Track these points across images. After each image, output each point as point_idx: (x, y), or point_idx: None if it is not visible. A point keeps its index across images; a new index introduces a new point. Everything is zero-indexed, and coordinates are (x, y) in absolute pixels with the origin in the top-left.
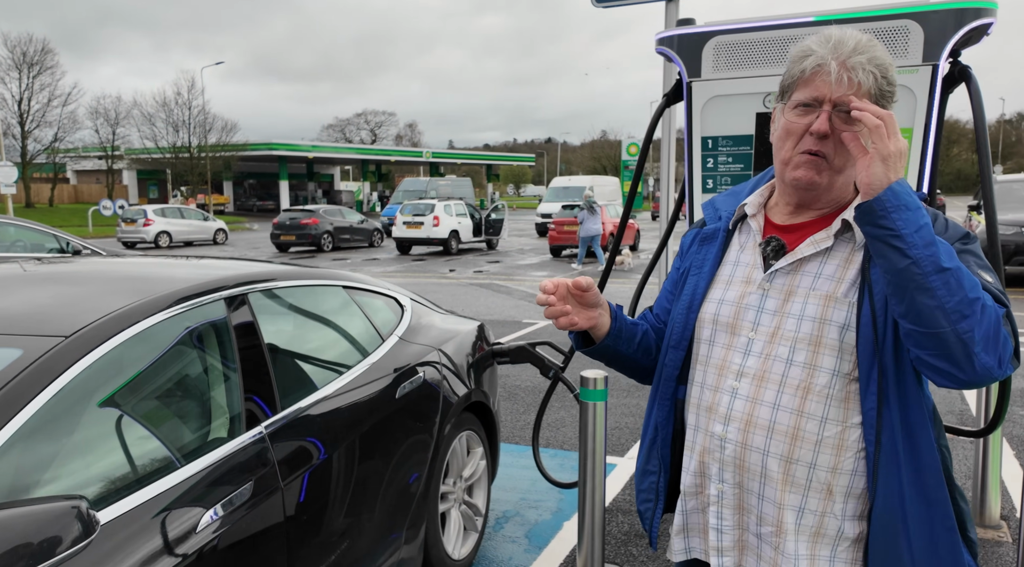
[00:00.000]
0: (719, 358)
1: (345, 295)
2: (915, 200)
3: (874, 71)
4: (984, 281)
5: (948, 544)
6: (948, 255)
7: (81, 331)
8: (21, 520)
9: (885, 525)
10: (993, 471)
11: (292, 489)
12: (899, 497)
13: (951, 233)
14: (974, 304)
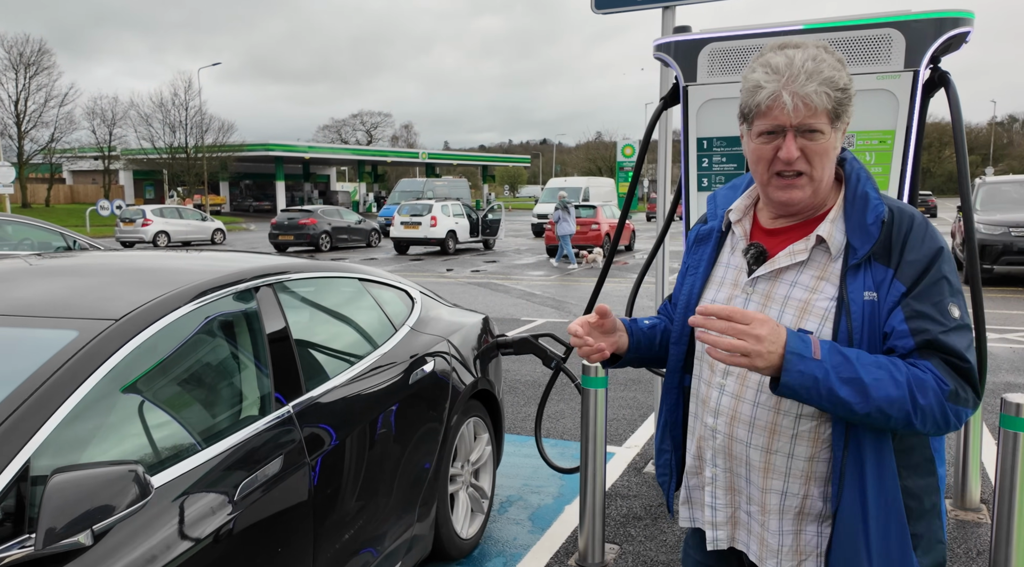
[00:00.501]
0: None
1: (360, 287)
2: (807, 366)
3: (827, 92)
4: (945, 320)
5: (900, 539)
6: (865, 380)
7: (129, 315)
8: (88, 481)
9: (847, 528)
10: (973, 457)
11: (317, 465)
12: (860, 495)
13: (924, 252)
14: (911, 414)
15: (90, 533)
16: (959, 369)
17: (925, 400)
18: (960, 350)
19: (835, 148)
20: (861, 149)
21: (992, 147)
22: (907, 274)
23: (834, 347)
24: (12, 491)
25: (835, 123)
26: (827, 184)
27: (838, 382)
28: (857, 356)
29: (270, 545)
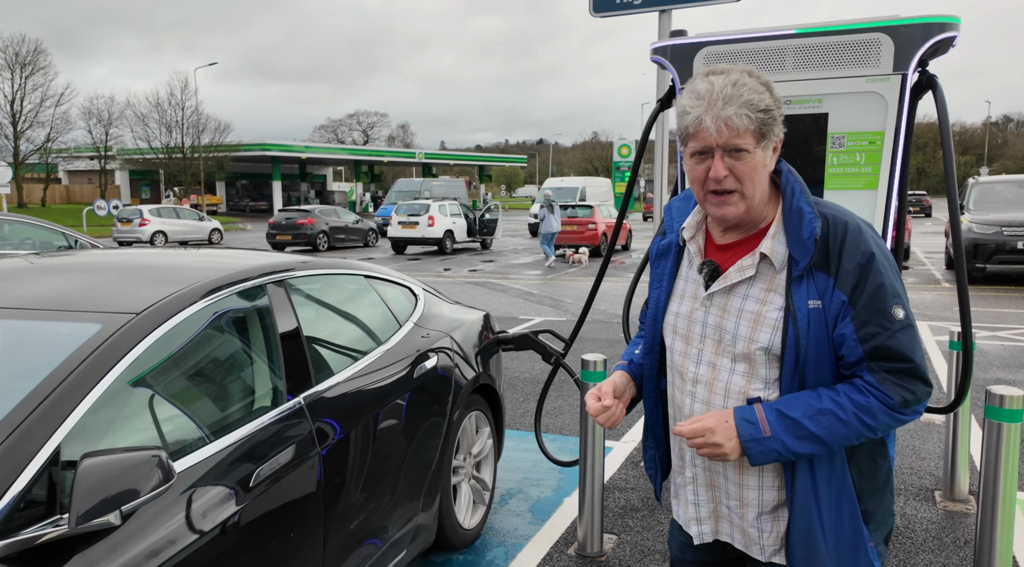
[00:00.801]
0: (679, 364)
1: (366, 283)
2: (764, 445)
3: (747, 114)
4: (889, 324)
5: (851, 516)
6: (816, 432)
7: (150, 309)
8: (116, 465)
9: (802, 508)
10: (962, 449)
11: (327, 454)
12: (811, 484)
13: (858, 260)
14: (867, 435)
15: (119, 513)
16: (905, 371)
17: (875, 421)
18: (905, 352)
19: (765, 165)
20: (852, 149)
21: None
22: (846, 282)
23: (780, 415)
24: (44, 475)
25: (761, 142)
26: (761, 199)
27: (796, 443)
28: (803, 411)
29: (283, 530)
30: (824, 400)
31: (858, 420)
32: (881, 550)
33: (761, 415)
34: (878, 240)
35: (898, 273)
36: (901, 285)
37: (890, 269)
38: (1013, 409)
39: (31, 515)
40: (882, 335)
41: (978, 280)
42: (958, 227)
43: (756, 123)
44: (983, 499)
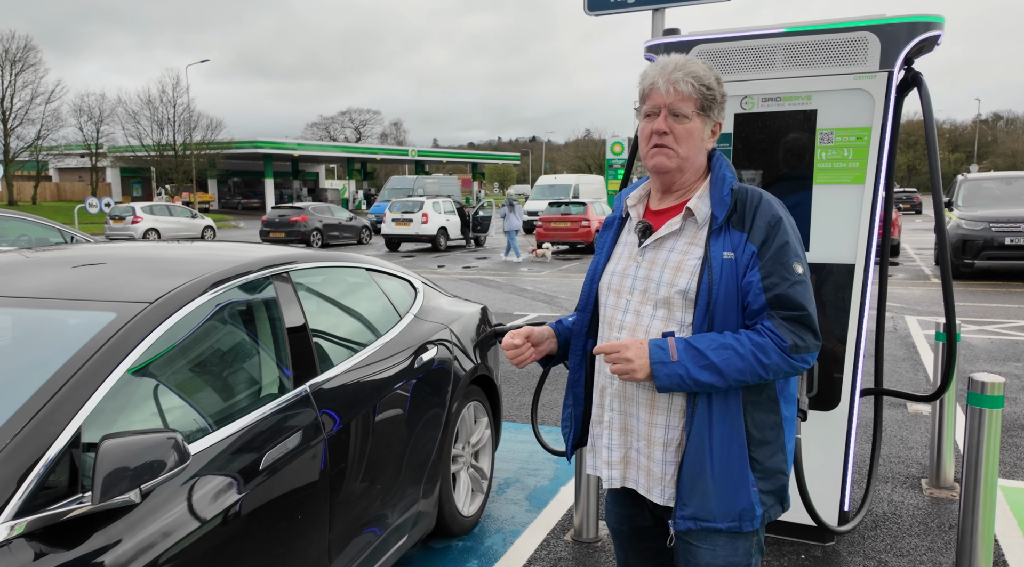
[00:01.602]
0: (609, 316)
1: (367, 276)
2: (670, 369)
3: (692, 81)
4: (790, 276)
5: (739, 457)
6: (717, 362)
7: (162, 299)
8: (135, 445)
9: (696, 443)
10: (947, 437)
11: (332, 441)
12: (707, 421)
13: (768, 219)
14: (761, 374)
15: (139, 491)
16: (798, 318)
17: (768, 360)
18: (800, 301)
19: (702, 137)
20: (840, 145)
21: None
22: (756, 237)
23: (687, 345)
24: (66, 456)
25: (701, 114)
26: (694, 166)
27: (698, 371)
28: (708, 344)
29: (291, 512)
30: (727, 337)
31: (753, 356)
32: (767, 501)
33: (672, 343)
34: (787, 213)
35: (800, 242)
36: (802, 250)
37: (793, 235)
38: (994, 395)
39: (55, 494)
40: (782, 285)
41: (966, 276)
42: (942, 220)
43: (698, 94)
44: (966, 482)
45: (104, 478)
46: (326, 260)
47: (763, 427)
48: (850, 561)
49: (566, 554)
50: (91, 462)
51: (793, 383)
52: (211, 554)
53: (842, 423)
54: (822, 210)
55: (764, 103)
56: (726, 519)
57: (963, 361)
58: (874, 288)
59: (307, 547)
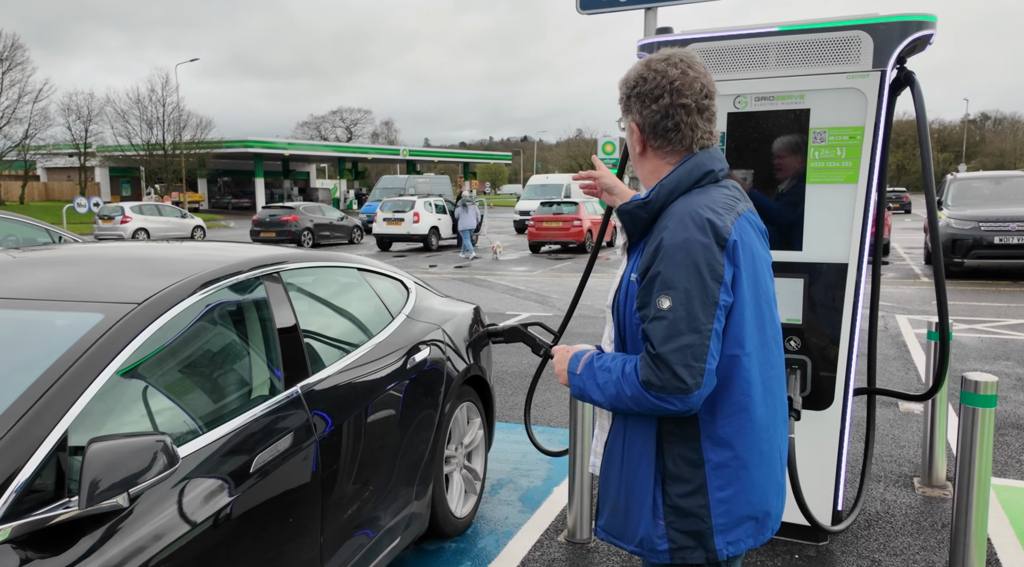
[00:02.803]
0: None
1: (358, 276)
2: (573, 380)
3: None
4: (651, 311)
5: (646, 481)
6: (599, 383)
7: (150, 300)
8: (123, 449)
9: (610, 454)
10: (939, 437)
11: (324, 443)
12: (623, 435)
13: (653, 246)
14: (629, 405)
15: (127, 496)
16: (652, 355)
17: (630, 391)
18: (652, 338)
19: (633, 146)
20: (833, 144)
21: (965, 144)
22: (643, 262)
23: (590, 362)
24: (52, 459)
25: (626, 116)
26: (643, 177)
27: (592, 388)
28: (601, 364)
29: (282, 515)
30: (614, 361)
31: (620, 385)
32: (678, 539)
33: (584, 357)
34: (693, 235)
35: (699, 271)
36: (695, 281)
37: (682, 263)
38: (987, 394)
39: (41, 498)
40: (647, 319)
41: (956, 275)
42: (935, 223)
43: (621, 95)
44: (959, 481)
45: (91, 482)
46: (317, 260)
47: (679, 462)
48: (843, 560)
49: (560, 555)
50: (78, 466)
51: (728, 425)
52: (201, 558)
53: (835, 422)
54: (815, 209)
55: (757, 102)
56: (630, 542)
57: (954, 360)
58: (866, 287)
59: (299, 550)
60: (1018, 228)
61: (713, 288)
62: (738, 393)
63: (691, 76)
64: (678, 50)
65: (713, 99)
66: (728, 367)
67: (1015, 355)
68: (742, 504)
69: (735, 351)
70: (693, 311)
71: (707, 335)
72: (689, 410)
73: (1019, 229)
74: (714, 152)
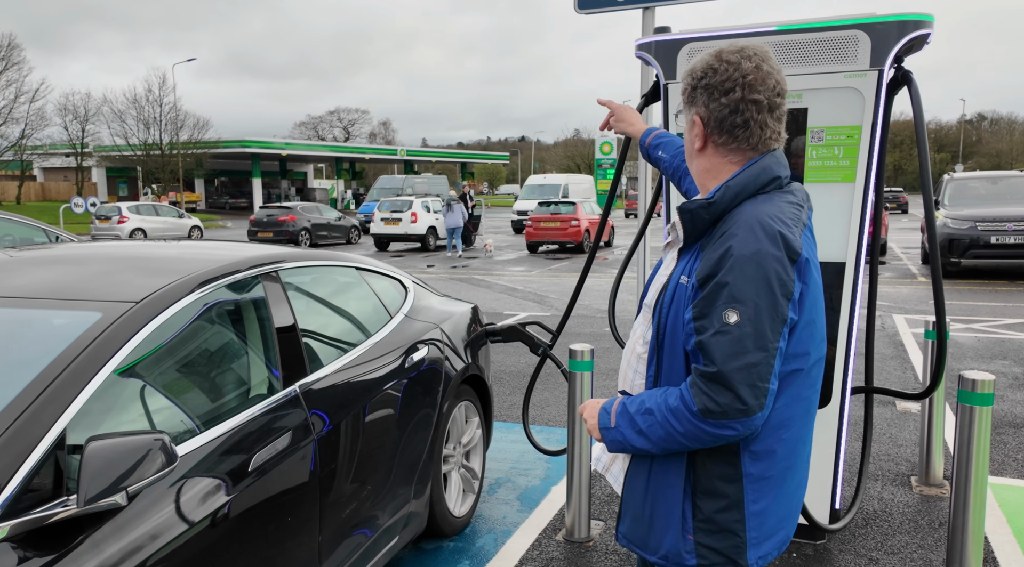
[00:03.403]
0: None
1: (357, 275)
2: (610, 434)
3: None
4: (714, 324)
5: (675, 494)
6: (643, 428)
7: (148, 298)
8: (121, 448)
9: (638, 461)
10: (937, 436)
11: (322, 441)
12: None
13: (718, 252)
14: (682, 442)
15: (125, 494)
16: (710, 375)
17: (681, 427)
18: (714, 354)
19: (689, 140)
20: (830, 143)
21: (962, 145)
22: (703, 267)
23: (624, 409)
24: (51, 458)
25: (688, 107)
26: (695, 171)
27: (633, 436)
28: (637, 407)
29: (281, 514)
30: (653, 399)
31: (668, 424)
32: (709, 556)
33: (614, 407)
34: (766, 247)
35: (771, 286)
36: (766, 297)
37: (753, 276)
38: (985, 393)
39: (39, 497)
40: (705, 332)
41: (953, 274)
42: (933, 223)
43: (685, 85)
44: (956, 479)
45: (90, 481)
46: (315, 259)
47: (712, 476)
48: (841, 559)
49: (558, 554)
50: (76, 464)
51: (771, 437)
52: (199, 557)
53: (833, 421)
54: (813, 208)
55: None
56: (654, 553)
57: (951, 359)
58: (864, 287)
59: (297, 549)
60: (1015, 228)
61: (783, 305)
62: (784, 407)
63: (765, 71)
64: (752, 43)
65: (785, 98)
66: (781, 384)
67: (1012, 354)
68: (775, 516)
69: (791, 367)
70: (761, 328)
71: (773, 354)
72: (749, 435)
73: (1016, 229)
74: (780, 156)
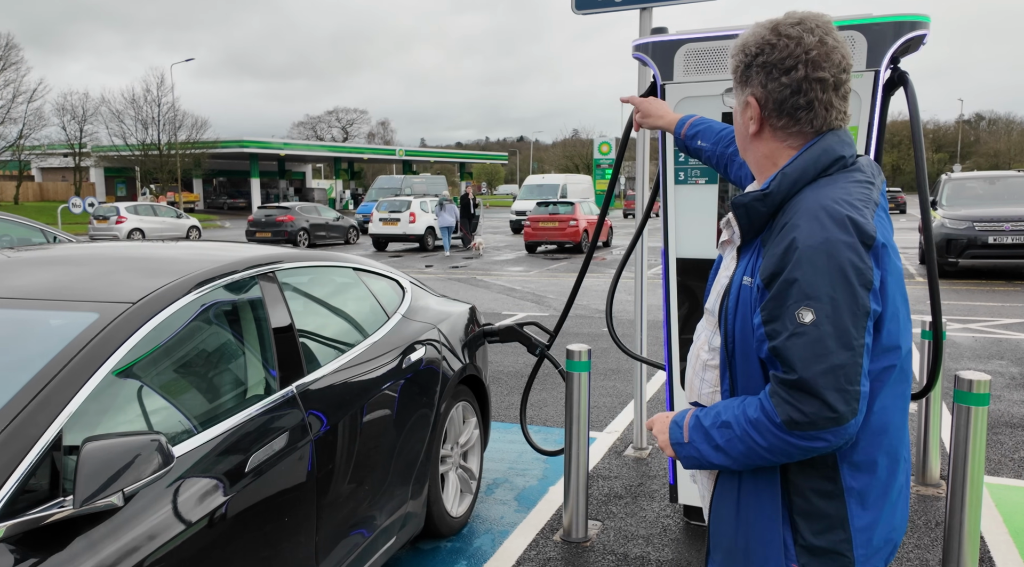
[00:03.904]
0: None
1: (354, 275)
2: (685, 450)
3: (735, 50)
4: (788, 326)
5: (771, 520)
6: (720, 443)
7: (145, 299)
8: (117, 448)
9: (724, 489)
10: (933, 436)
11: (319, 442)
12: (736, 475)
13: (781, 247)
14: (765, 457)
15: (121, 495)
16: (792, 383)
17: (764, 441)
18: (792, 360)
19: (740, 118)
20: None
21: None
22: (767, 266)
23: (697, 423)
24: (47, 459)
25: (739, 87)
26: (751, 158)
27: (710, 452)
28: (712, 420)
29: (278, 514)
30: (730, 411)
31: (749, 437)
32: None
33: (687, 420)
34: (834, 234)
35: (846, 277)
36: (842, 289)
37: (825, 268)
38: (981, 393)
39: (35, 497)
40: (779, 336)
41: (950, 274)
42: (929, 222)
43: (736, 62)
44: (952, 480)
45: (86, 481)
46: (313, 260)
47: (809, 495)
48: None
49: (555, 554)
50: (73, 465)
51: (871, 445)
52: (196, 558)
53: None
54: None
55: None
56: None
57: (948, 359)
58: None
59: (294, 549)
60: (1012, 228)
61: (863, 296)
62: (882, 410)
63: (830, 45)
64: (812, 13)
65: (850, 74)
66: (874, 384)
67: (1008, 354)
68: (882, 528)
69: (884, 364)
70: (842, 324)
71: (860, 352)
72: (844, 444)
73: (1013, 229)
74: (843, 134)
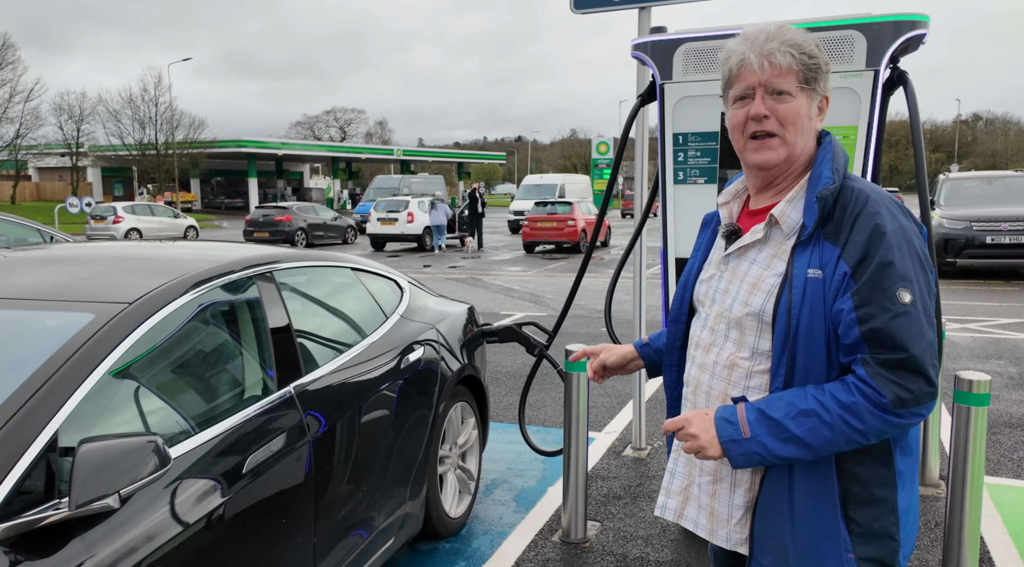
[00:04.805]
0: (694, 329)
1: (352, 275)
2: (744, 447)
3: (790, 52)
4: (891, 306)
5: (829, 514)
6: (799, 434)
7: (141, 299)
8: (113, 450)
9: (773, 489)
10: (933, 436)
11: (317, 443)
12: (787, 473)
13: (866, 233)
14: (857, 440)
15: (117, 497)
16: (899, 362)
17: (863, 424)
18: (900, 339)
19: (808, 116)
20: None
21: (957, 145)
22: (852, 253)
23: (761, 414)
24: (42, 460)
25: (805, 88)
26: (802, 154)
27: (779, 446)
28: (786, 411)
29: (275, 516)
30: (808, 399)
31: (844, 422)
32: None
33: (742, 414)
34: (904, 221)
35: (921, 261)
36: (922, 272)
37: (908, 251)
38: (981, 393)
39: (30, 500)
40: (880, 317)
41: (948, 274)
42: (929, 221)
43: (799, 65)
44: (952, 480)
45: (81, 483)
46: (311, 260)
47: (866, 483)
48: None
49: (554, 555)
50: (68, 467)
51: (914, 431)
52: (193, 560)
53: None
54: None
55: None
56: None
57: (946, 359)
58: None
59: (292, 551)
60: (1010, 228)
61: (930, 279)
62: None
63: None
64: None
65: None
66: None
67: (1007, 354)
68: (914, 510)
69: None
70: (928, 305)
71: (935, 331)
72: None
73: (1011, 229)
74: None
